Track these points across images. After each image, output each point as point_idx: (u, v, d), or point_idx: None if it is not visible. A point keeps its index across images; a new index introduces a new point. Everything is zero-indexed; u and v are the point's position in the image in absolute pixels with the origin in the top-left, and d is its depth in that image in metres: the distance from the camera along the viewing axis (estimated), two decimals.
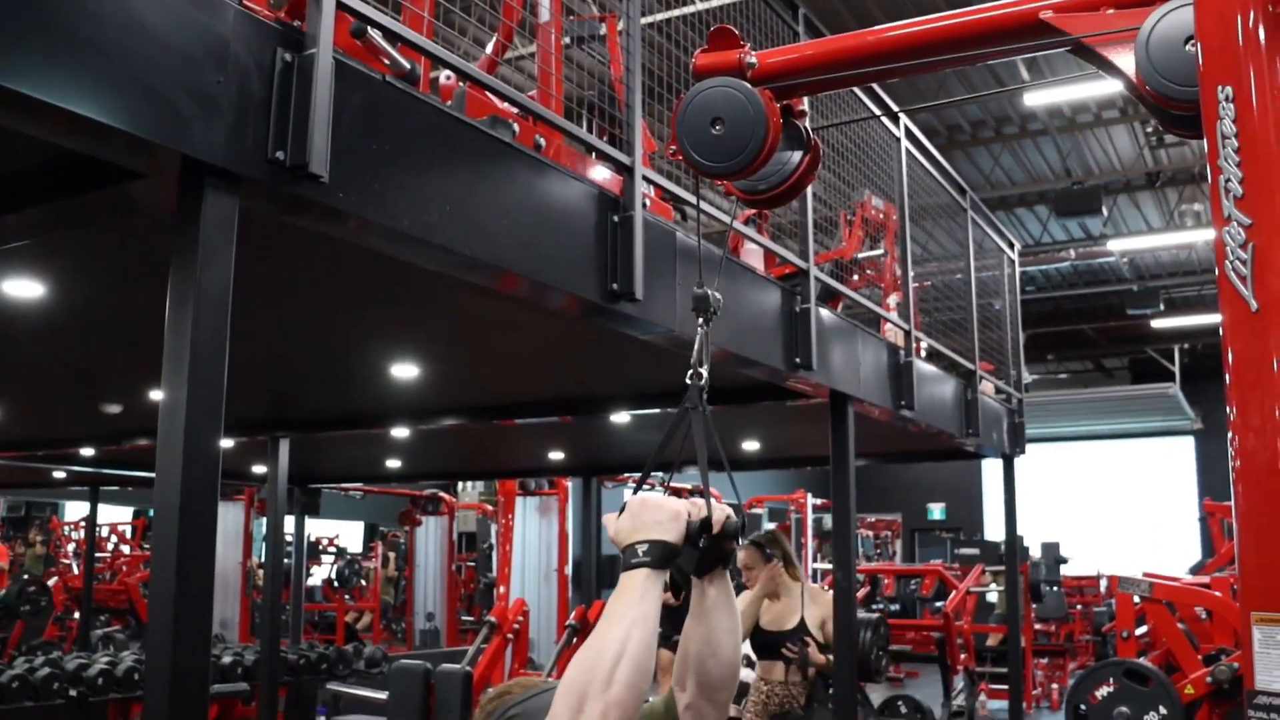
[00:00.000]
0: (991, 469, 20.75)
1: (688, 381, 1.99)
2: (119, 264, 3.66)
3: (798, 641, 5.56)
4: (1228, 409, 1.49)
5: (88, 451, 8.93)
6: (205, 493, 2.24)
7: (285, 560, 12.64)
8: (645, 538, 1.69)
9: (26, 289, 3.83)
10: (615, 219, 3.45)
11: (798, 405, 5.50)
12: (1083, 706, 5.05)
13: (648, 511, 1.72)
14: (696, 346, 2.02)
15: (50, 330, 4.67)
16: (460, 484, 18.07)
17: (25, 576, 13.00)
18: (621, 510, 1.75)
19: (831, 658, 6.45)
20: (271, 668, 6.71)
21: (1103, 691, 4.99)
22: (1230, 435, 1.48)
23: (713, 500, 1.79)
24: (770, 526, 15.94)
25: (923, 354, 6.66)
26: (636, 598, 1.65)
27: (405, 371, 5.39)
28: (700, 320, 2.07)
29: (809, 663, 5.64)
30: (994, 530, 18.81)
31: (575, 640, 7.30)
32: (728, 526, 1.79)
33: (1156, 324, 18.92)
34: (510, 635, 7.15)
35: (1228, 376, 1.49)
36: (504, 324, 4.43)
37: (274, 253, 3.44)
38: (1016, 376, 8.02)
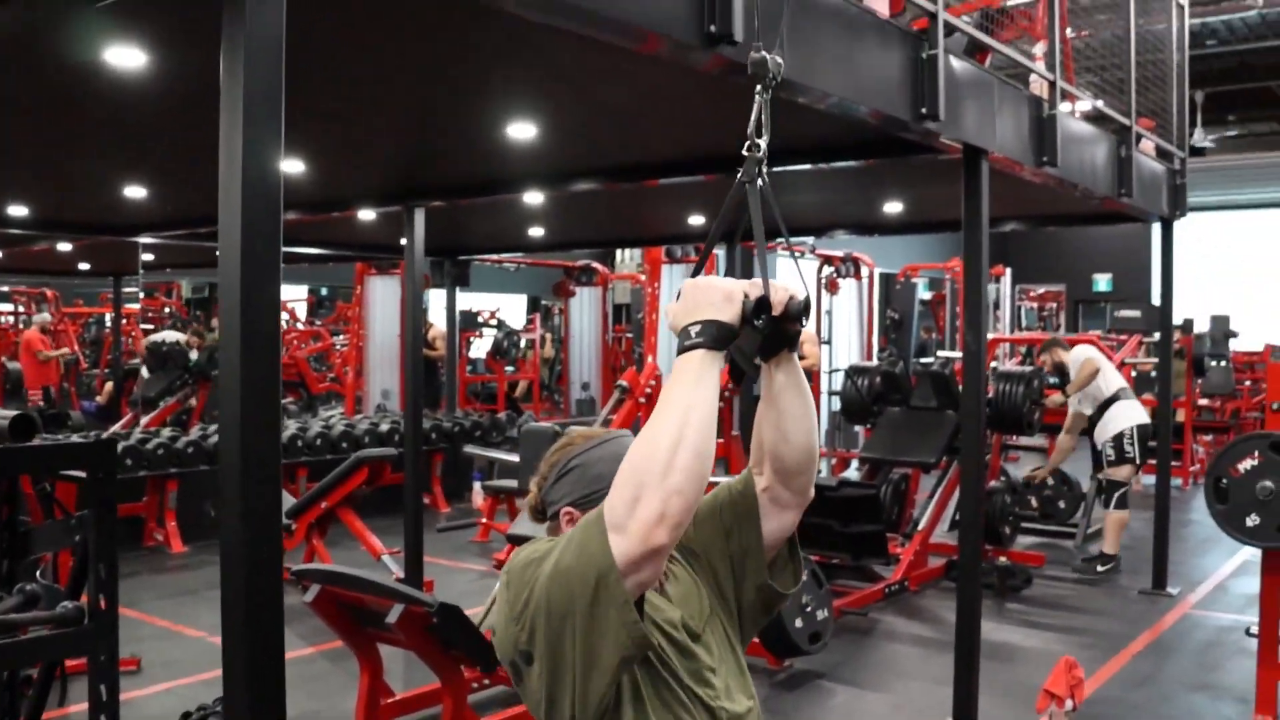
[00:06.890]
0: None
1: (744, 153, 1.85)
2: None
3: None
4: None
5: None
6: (266, 247, 2.26)
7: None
8: (699, 318, 1.63)
9: (131, 58, 3.84)
10: None
11: (936, 161, 5.22)
12: (1224, 480, 4.77)
13: (700, 292, 1.66)
14: (754, 116, 1.86)
15: (176, 103, 4.68)
16: (618, 255, 18.18)
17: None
18: (678, 297, 1.69)
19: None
20: (414, 434, 6.90)
21: (1246, 465, 4.71)
22: None
23: (774, 281, 1.70)
24: (925, 296, 15.66)
25: (1077, 114, 6.23)
26: (692, 381, 1.59)
27: (522, 132, 5.30)
28: (759, 88, 1.89)
29: None
30: None
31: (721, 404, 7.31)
32: (791, 307, 1.71)
33: None
34: (642, 399, 7.21)
35: None
36: (627, 76, 4.27)
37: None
38: (1180, 134, 7.47)
